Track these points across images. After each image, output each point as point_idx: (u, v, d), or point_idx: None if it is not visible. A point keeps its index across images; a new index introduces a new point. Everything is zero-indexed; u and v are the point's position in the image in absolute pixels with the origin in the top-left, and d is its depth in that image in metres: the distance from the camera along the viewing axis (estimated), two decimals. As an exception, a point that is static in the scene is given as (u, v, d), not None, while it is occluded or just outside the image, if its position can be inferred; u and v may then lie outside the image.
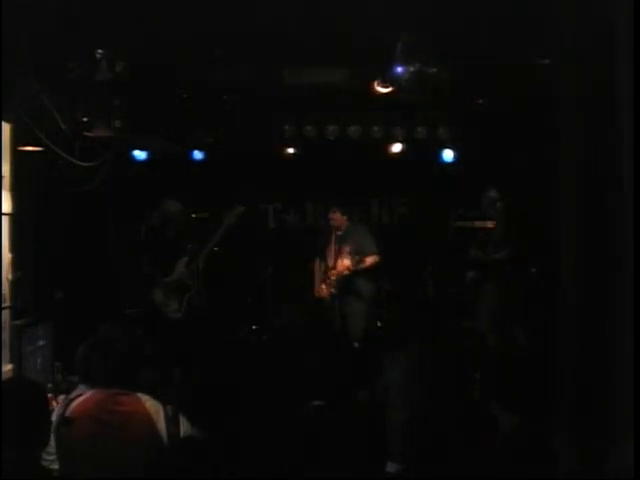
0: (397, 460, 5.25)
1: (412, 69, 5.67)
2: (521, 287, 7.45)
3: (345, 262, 7.82)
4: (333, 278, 7.90)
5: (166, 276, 7.61)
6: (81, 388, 3.77)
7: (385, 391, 5.55)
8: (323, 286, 8.03)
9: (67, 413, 3.43)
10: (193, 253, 7.58)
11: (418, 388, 5.44)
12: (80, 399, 3.53)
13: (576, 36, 3.82)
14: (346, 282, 7.86)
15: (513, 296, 7.41)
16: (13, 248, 5.15)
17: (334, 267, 7.90)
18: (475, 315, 8.18)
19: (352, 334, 7.80)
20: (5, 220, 5.07)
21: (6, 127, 5.08)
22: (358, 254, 7.77)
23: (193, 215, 7.81)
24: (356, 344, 7.67)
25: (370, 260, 7.81)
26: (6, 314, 4.98)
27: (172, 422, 3.43)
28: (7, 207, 5.09)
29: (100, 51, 5.31)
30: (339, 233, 7.98)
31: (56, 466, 3.41)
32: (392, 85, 6.06)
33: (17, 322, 4.95)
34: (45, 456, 3.27)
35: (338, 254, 7.89)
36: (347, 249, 7.85)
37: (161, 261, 7.67)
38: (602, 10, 3.62)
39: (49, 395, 3.75)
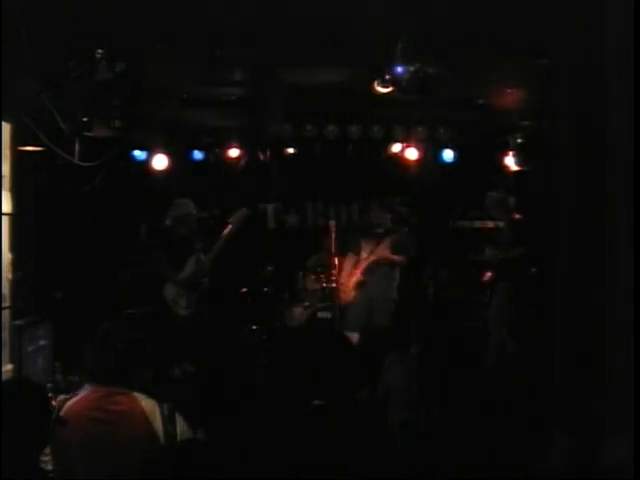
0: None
1: (412, 69, 5.66)
2: (530, 287, 7.46)
3: (384, 252, 8.10)
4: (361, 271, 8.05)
5: (177, 273, 7.69)
6: (87, 387, 3.76)
7: (386, 391, 5.56)
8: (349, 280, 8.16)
9: (62, 412, 3.41)
10: (202, 252, 7.67)
11: (419, 388, 5.44)
12: (75, 398, 3.51)
13: (576, 36, 3.82)
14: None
15: (522, 296, 7.43)
16: (13, 248, 5.15)
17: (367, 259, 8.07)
18: (476, 316, 8.20)
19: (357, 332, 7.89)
20: (5, 220, 5.07)
21: (6, 127, 5.08)
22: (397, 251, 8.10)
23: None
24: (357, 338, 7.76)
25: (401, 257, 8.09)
26: (6, 314, 4.98)
27: (168, 421, 3.42)
28: (7, 207, 5.09)
29: (100, 51, 5.31)
30: (379, 230, 8.21)
31: (50, 467, 3.39)
32: (392, 85, 6.05)
33: (17, 322, 4.95)
34: (41, 457, 3.26)
35: (374, 248, 8.05)
36: (388, 243, 8.13)
37: (172, 259, 7.72)
38: (602, 10, 3.62)
39: (49, 395, 3.74)
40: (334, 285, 8.17)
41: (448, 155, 8.87)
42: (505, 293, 7.53)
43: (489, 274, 7.79)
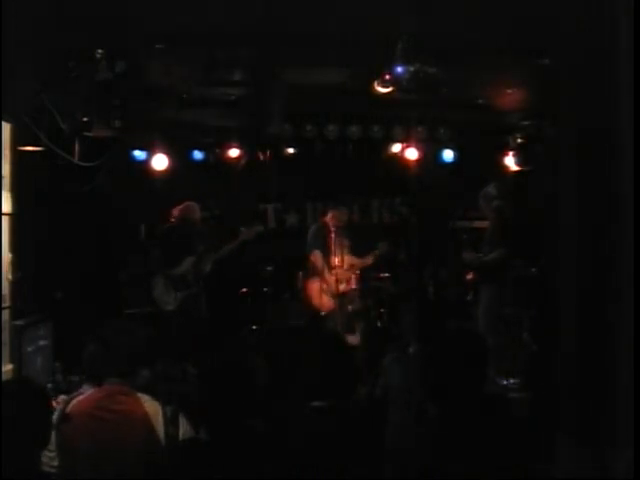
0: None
1: (412, 69, 5.66)
2: (517, 287, 7.45)
3: (348, 258, 7.86)
4: (342, 274, 7.90)
5: (170, 269, 7.70)
6: (85, 387, 3.77)
7: (385, 391, 5.55)
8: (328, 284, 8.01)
9: (67, 411, 3.44)
10: (202, 255, 7.66)
11: (418, 388, 5.43)
12: (80, 397, 3.55)
13: (576, 36, 3.82)
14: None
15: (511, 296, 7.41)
16: (13, 248, 5.15)
17: (341, 264, 7.90)
18: (476, 315, 8.20)
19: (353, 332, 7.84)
20: (5, 220, 5.06)
21: (6, 127, 5.08)
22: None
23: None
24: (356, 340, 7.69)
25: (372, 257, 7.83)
26: (6, 314, 4.98)
27: (171, 423, 3.43)
28: (7, 207, 5.09)
29: (100, 51, 5.31)
30: (340, 225, 7.94)
31: (56, 463, 3.42)
32: (392, 85, 6.05)
33: (17, 322, 4.95)
34: (46, 452, 3.28)
35: (342, 250, 7.92)
36: (347, 244, 7.90)
37: (169, 257, 7.72)
38: (602, 10, 3.62)
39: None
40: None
41: (448, 155, 8.87)
42: (490, 294, 7.47)
43: (471, 275, 7.76)
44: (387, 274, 8.74)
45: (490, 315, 7.35)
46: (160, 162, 8.29)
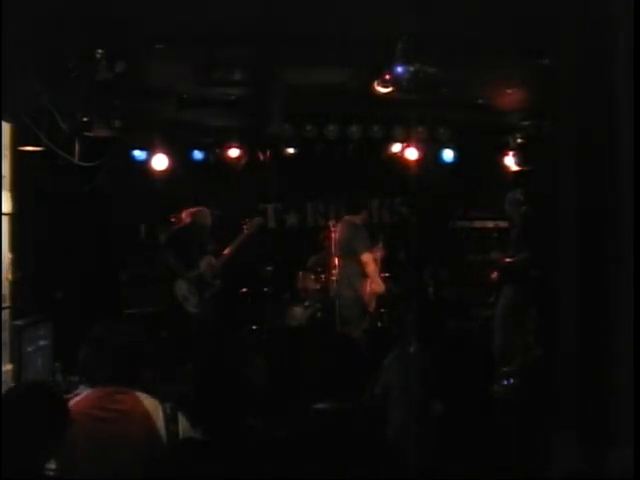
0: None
1: (412, 69, 5.66)
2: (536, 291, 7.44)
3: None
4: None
5: (189, 271, 7.80)
6: (82, 388, 3.76)
7: (386, 390, 5.55)
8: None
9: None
10: (214, 253, 7.84)
11: (419, 388, 5.44)
12: (77, 397, 3.53)
13: (576, 36, 3.82)
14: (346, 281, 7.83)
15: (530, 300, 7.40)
16: (13, 248, 5.15)
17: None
18: (476, 315, 8.19)
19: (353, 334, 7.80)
20: (5, 220, 5.06)
21: (6, 127, 5.08)
22: (349, 252, 7.52)
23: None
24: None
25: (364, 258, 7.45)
26: (6, 314, 4.98)
27: (171, 421, 3.42)
28: (7, 207, 5.09)
29: (100, 51, 5.31)
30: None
31: (53, 465, 3.40)
32: (392, 85, 6.05)
33: (17, 322, 4.95)
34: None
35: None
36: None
37: (185, 258, 7.81)
38: (602, 10, 3.62)
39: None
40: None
41: (448, 155, 8.87)
42: (511, 294, 7.47)
43: (495, 275, 7.76)
44: (387, 274, 8.74)
45: (507, 315, 7.36)
46: (160, 162, 8.29)
